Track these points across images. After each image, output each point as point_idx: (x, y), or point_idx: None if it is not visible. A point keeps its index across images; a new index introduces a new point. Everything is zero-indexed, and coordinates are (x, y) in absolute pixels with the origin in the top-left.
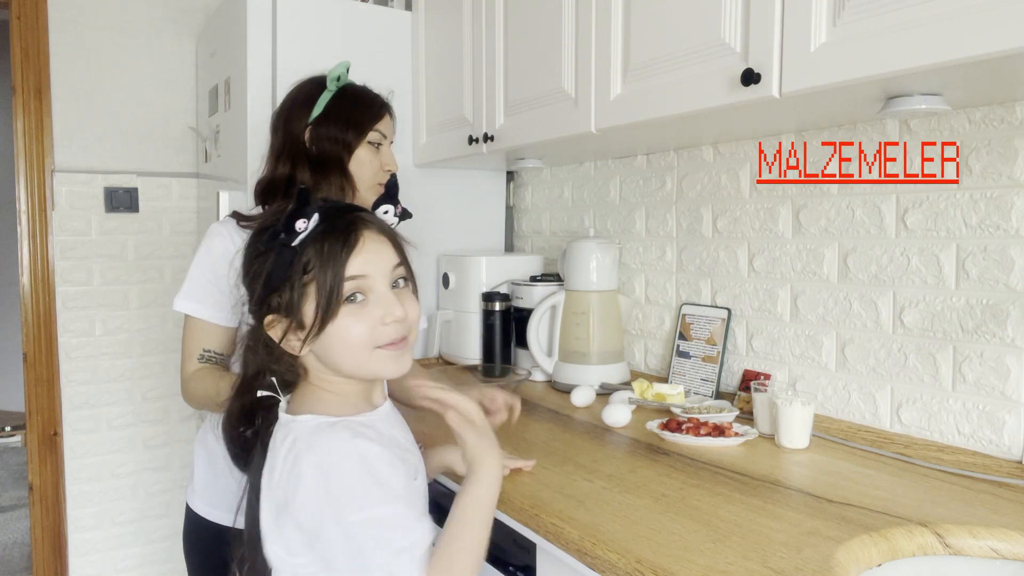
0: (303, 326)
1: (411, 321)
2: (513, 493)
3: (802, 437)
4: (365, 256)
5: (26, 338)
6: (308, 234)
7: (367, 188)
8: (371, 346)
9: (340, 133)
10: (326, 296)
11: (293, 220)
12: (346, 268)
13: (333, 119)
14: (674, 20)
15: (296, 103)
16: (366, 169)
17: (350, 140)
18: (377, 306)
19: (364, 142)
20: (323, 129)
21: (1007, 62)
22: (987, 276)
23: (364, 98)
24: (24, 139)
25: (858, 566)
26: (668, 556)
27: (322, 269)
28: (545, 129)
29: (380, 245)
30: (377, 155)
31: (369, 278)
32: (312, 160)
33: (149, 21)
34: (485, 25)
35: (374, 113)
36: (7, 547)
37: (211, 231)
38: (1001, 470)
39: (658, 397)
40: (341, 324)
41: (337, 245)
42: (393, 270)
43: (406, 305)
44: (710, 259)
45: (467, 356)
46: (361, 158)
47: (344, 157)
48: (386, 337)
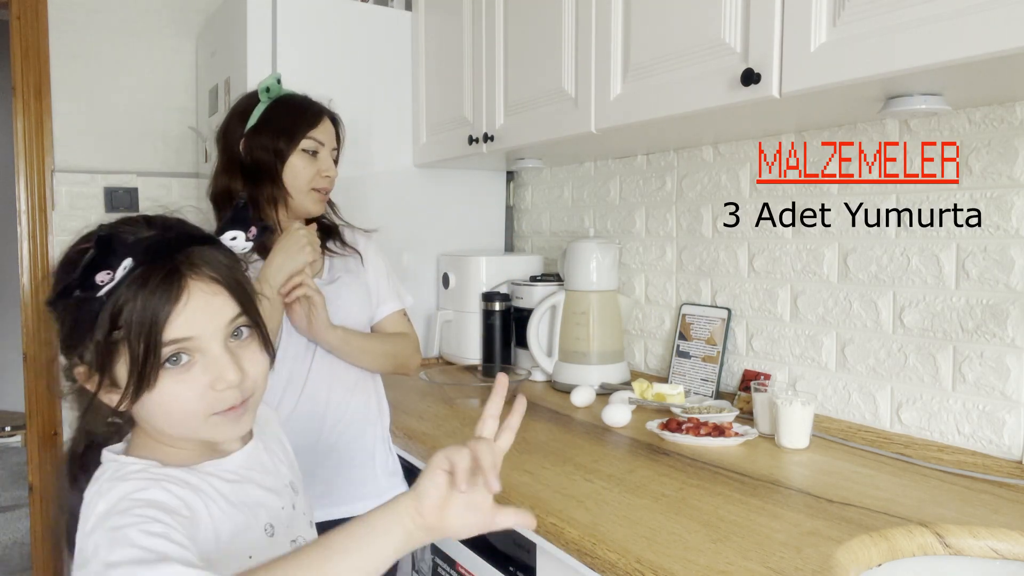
0: (115, 385)
1: (252, 381)
2: (513, 493)
3: (802, 437)
4: (190, 313)
5: (26, 338)
6: (118, 283)
7: (302, 194)
8: (204, 414)
9: (271, 142)
10: (139, 362)
11: (92, 273)
12: (165, 331)
13: (266, 128)
14: (674, 20)
15: (234, 115)
16: (300, 177)
17: (282, 148)
18: (205, 371)
19: (297, 150)
20: (256, 139)
21: (1007, 62)
22: (987, 276)
23: (298, 106)
24: (24, 139)
25: (858, 566)
26: (668, 556)
27: (135, 328)
28: (545, 129)
29: (211, 297)
30: (314, 162)
31: (195, 339)
32: (246, 170)
33: (149, 21)
34: (485, 25)
35: (308, 120)
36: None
37: None
38: (1001, 470)
39: (658, 397)
40: (162, 391)
41: (154, 300)
42: (229, 323)
43: (245, 363)
44: (710, 259)
45: (467, 356)
46: (295, 166)
47: (277, 166)
48: (221, 404)
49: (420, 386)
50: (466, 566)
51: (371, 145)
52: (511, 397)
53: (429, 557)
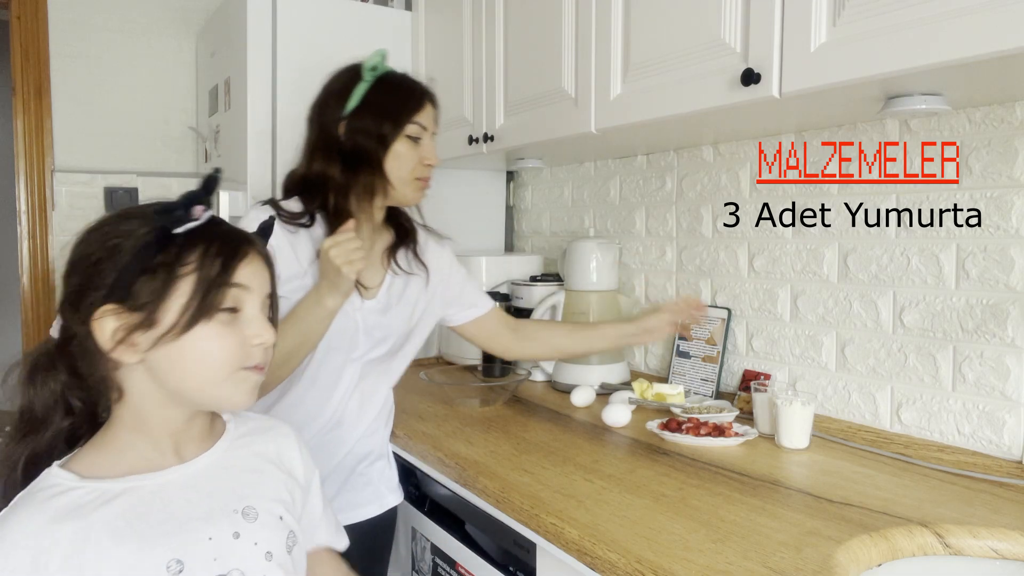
0: (154, 324)
1: (270, 352)
2: (513, 493)
3: (802, 437)
4: (250, 270)
5: (26, 338)
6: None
7: (404, 184)
8: (235, 366)
9: (375, 126)
10: (203, 293)
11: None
12: (234, 274)
13: (368, 111)
14: (674, 20)
15: (332, 94)
16: (404, 165)
17: (386, 133)
18: (249, 325)
19: (402, 136)
20: (357, 122)
21: (1007, 62)
22: (987, 276)
23: (402, 87)
24: (24, 139)
25: (858, 566)
26: (668, 556)
27: (206, 263)
28: (545, 129)
29: (262, 266)
30: (416, 149)
31: (250, 292)
32: (345, 155)
33: (149, 21)
34: (485, 25)
35: (413, 104)
36: None
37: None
38: (1001, 470)
39: (658, 397)
40: (206, 333)
41: (228, 248)
42: (266, 297)
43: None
44: (710, 259)
45: (467, 356)
46: (398, 153)
47: (379, 152)
48: (251, 359)
49: (420, 386)
50: (466, 566)
51: None
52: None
53: (429, 557)
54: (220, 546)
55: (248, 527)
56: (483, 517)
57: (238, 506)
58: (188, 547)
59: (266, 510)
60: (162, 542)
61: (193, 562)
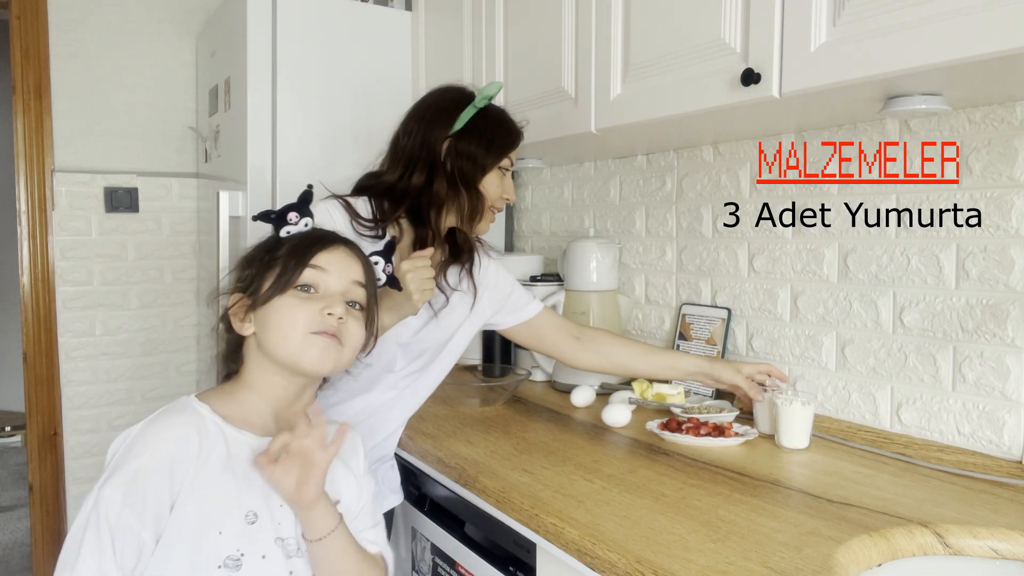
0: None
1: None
2: (513, 493)
3: (802, 437)
4: (332, 259)
5: (26, 338)
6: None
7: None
8: (306, 330)
9: (481, 153)
10: (282, 270)
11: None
12: (313, 258)
13: (475, 136)
14: (674, 20)
15: (440, 111)
16: (490, 195)
17: (487, 163)
18: (321, 300)
19: (496, 167)
20: (463, 145)
21: (1007, 62)
22: (987, 276)
23: (507, 122)
24: (24, 139)
25: (858, 566)
26: (668, 556)
27: (291, 251)
28: (545, 129)
29: (351, 259)
30: (502, 182)
31: (327, 274)
32: (448, 175)
33: (149, 21)
34: (485, 25)
35: (512, 140)
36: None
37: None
38: (1001, 470)
39: (658, 397)
40: (285, 303)
41: (313, 240)
42: (353, 285)
43: (349, 322)
44: (710, 259)
45: (467, 356)
46: (490, 182)
47: (478, 177)
48: (321, 325)
49: None
50: (466, 566)
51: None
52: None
53: (429, 557)
54: (286, 513)
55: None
56: (483, 517)
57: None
58: (265, 505)
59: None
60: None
61: (265, 519)
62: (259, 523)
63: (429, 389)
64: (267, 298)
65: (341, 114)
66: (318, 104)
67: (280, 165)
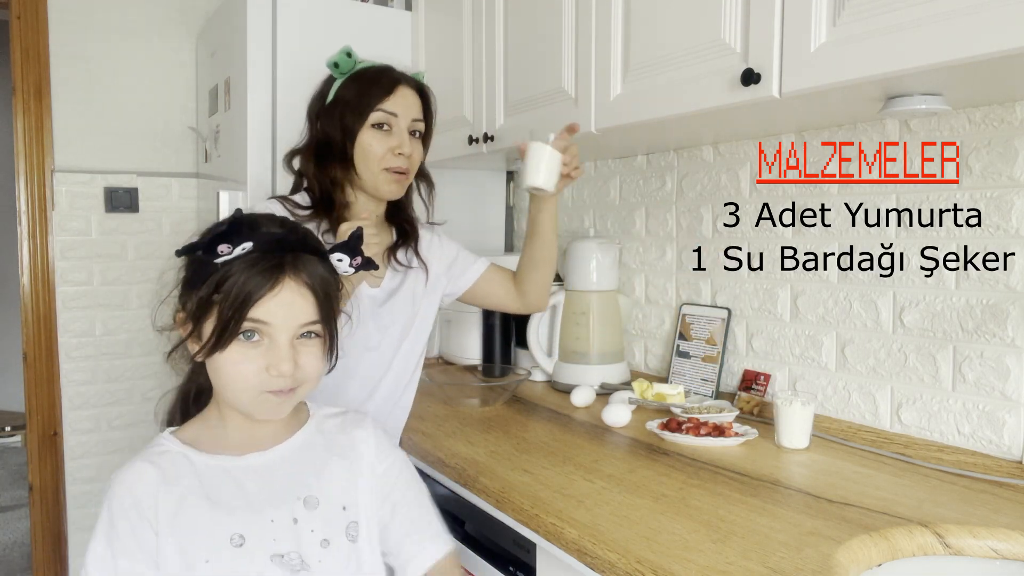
0: (200, 338)
1: (302, 376)
2: (513, 493)
3: (802, 437)
4: (276, 304)
5: (26, 338)
6: (233, 257)
7: (373, 176)
8: (258, 389)
9: (339, 119)
10: (222, 324)
11: (217, 243)
12: (251, 308)
13: (336, 105)
14: (674, 20)
15: (316, 97)
16: (370, 155)
17: (349, 124)
18: (267, 354)
19: (367, 125)
20: (326, 117)
21: (1007, 62)
22: (987, 276)
23: (370, 77)
24: (24, 139)
25: (858, 566)
26: (668, 556)
27: (230, 298)
28: (545, 129)
29: (297, 297)
30: (386, 138)
31: (271, 326)
32: (316, 152)
33: (149, 21)
34: (485, 25)
35: (378, 92)
36: (7, 547)
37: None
38: (1001, 470)
39: (658, 397)
40: (230, 357)
41: (253, 282)
42: (303, 325)
43: (302, 359)
44: (710, 259)
45: (467, 356)
46: (364, 143)
47: (345, 145)
48: (270, 386)
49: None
50: (466, 566)
51: None
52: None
53: None
54: (279, 528)
55: (307, 514)
56: (483, 517)
57: (301, 494)
58: (251, 525)
59: (328, 500)
60: (230, 517)
61: (253, 539)
62: (247, 544)
63: (412, 364)
64: (209, 352)
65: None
66: None
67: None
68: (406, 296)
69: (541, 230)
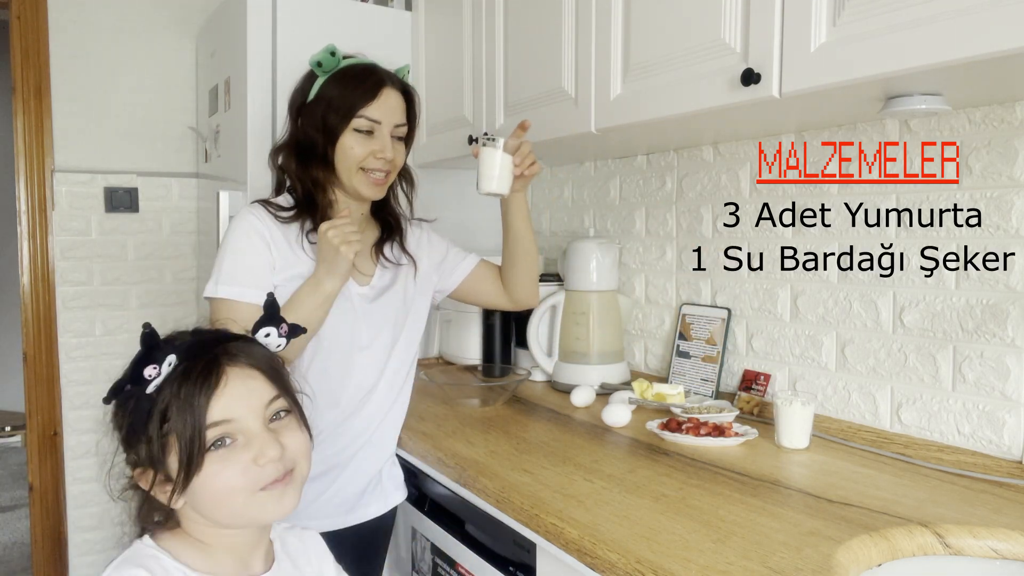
0: (169, 479)
1: (293, 455)
2: (513, 493)
3: (802, 437)
4: (229, 397)
5: (26, 338)
6: (164, 378)
7: (350, 176)
8: (250, 490)
9: (321, 120)
10: (187, 448)
11: (140, 368)
12: (207, 414)
13: (318, 104)
14: (674, 20)
15: (296, 93)
16: (349, 157)
17: (332, 125)
18: (248, 448)
19: (349, 129)
20: (307, 116)
21: (1007, 62)
22: (987, 276)
23: (354, 79)
24: (24, 139)
25: (858, 566)
26: (668, 556)
27: (180, 417)
28: (545, 129)
29: (249, 381)
30: (368, 142)
31: (236, 421)
32: (297, 150)
33: (149, 21)
34: (485, 25)
35: (362, 96)
36: (7, 547)
37: (242, 214)
38: (1001, 470)
39: (658, 397)
40: (209, 473)
41: (196, 387)
42: (268, 405)
43: (284, 439)
44: (710, 259)
45: (467, 356)
46: (345, 146)
47: (325, 146)
48: (265, 478)
49: (420, 386)
50: (466, 566)
51: None
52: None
53: (429, 557)
54: None
55: None
56: (483, 517)
57: None
58: None
59: None
60: None
61: None
62: None
63: (406, 364)
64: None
65: None
66: None
67: None
68: (397, 293)
69: (513, 228)
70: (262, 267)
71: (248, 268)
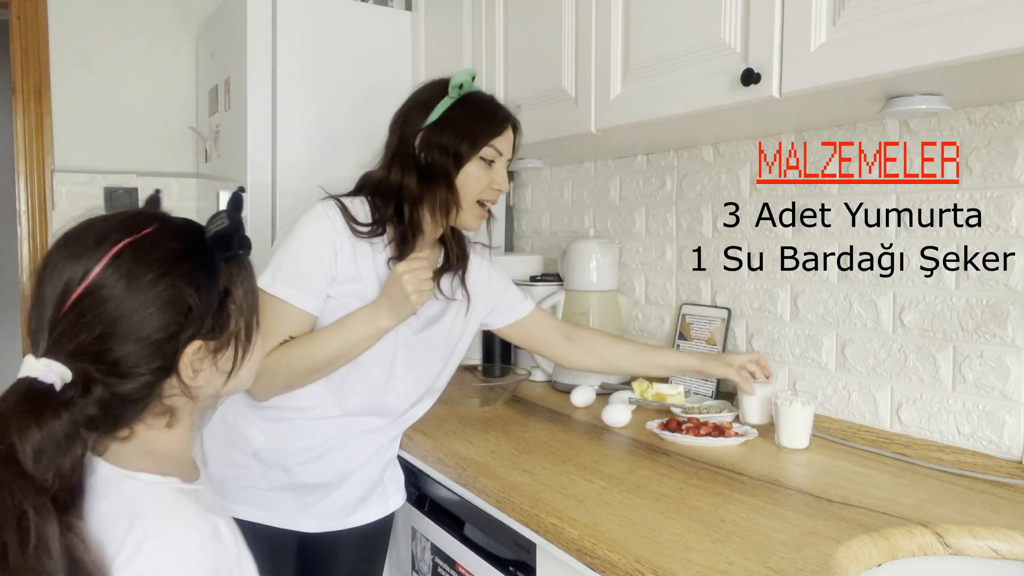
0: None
1: None
2: (513, 493)
3: (802, 437)
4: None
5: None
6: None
7: (469, 206)
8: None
9: (452, 144)
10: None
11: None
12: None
13: (448, 128)
14: (674, 20)
15: (416, 104)
16: (472, 186)
17: (462, 153)
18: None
19: (476, 157)
20: (435, 137)
21: (1007, 62)
22: (987, 276)
23: (485, 109)
24: (24, 139)
25: (858, 566)
26: (668, 556)
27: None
28: (545, 129)
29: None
30: (488, 172)
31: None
32: (420, 168)
33: (149, 21)
34: (485, 25)
35: (493, 127)
36: None
37: (317, 213)
38: (1001, 470)
39: (658, 397)
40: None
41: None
42: None
43: None
44: (710, 259)
45: (467, 356)
46: (470, 174)
47: (452, 171)
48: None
49: None
50: (466, 566)
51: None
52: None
53: (429, 557)
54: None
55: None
56: (483, 517)
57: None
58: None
59: None
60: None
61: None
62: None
63: (439, 392)
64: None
65: (341, 114)
66: (318, 104)
67: (280, 165)
68: (444, 327)
69: (685, 371)
70: (322, 276)
71: (309, 273)
